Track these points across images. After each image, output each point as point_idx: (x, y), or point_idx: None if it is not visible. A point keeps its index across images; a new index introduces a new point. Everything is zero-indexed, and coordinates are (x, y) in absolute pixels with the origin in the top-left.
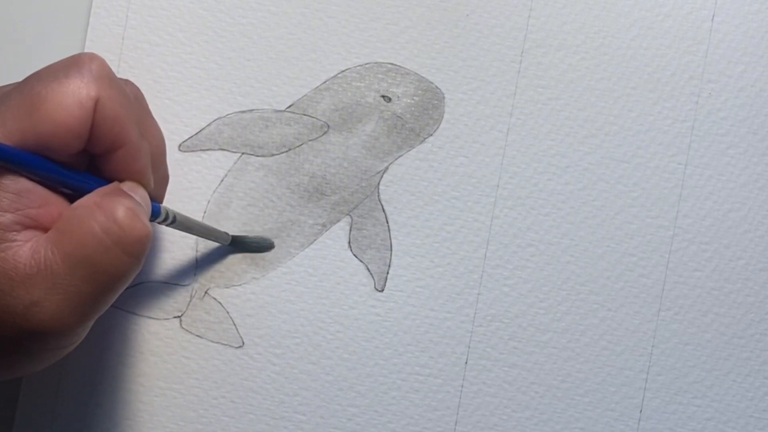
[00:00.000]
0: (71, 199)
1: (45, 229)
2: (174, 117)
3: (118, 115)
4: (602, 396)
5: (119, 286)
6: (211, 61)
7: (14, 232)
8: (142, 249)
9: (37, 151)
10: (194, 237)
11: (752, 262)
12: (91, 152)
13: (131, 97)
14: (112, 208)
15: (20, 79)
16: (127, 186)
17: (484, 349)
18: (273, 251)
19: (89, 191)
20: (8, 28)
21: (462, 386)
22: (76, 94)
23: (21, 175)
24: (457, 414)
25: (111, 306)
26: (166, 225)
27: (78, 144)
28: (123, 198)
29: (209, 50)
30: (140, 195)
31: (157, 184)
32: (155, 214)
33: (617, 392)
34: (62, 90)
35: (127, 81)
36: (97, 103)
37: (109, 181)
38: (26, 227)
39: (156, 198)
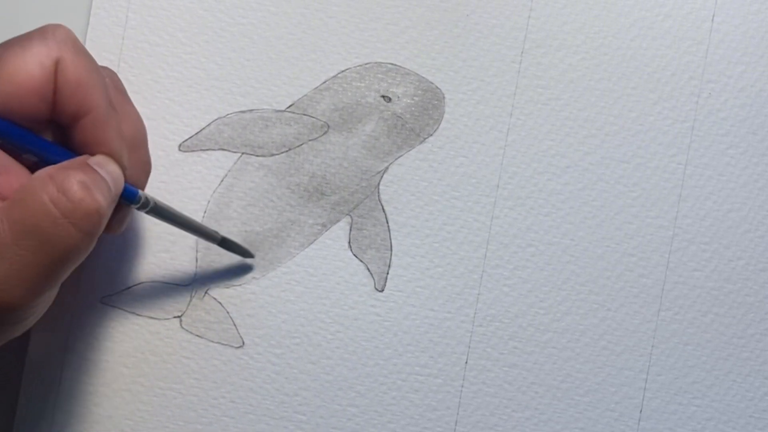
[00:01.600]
0: (36, 170)
1: (3, 199)
2: (174, 117)
3: (81, 79)
4: (602, 396)
5: (68, 261)
6: (211, 61)
7: None
8: (92, 224)
9: (0, 113)
10: (195, 237)
11: (752, 262)
12: (60, 123)
13: (98, 68)
14: (64, 180)
15: None
16: (95, 160)
17: (484, 349)
18: (273, 251)
19: (56, 160)
20: (8, 29)
21: (462, 386)
22: (36, 56)
23: None
24: (457, 414)
25: (111, 306)
26: (146, 212)
27: (42, 108)
28: (79, 171)
29: (209, 50)
30: (108, 170)
31: (134, 167)
32: (130, 197)
33: (617, 392)
34: (23, 53)
35: (104, 67)
36: (58, 65)
37: (78, 153)
38: None
39: (135, 184)
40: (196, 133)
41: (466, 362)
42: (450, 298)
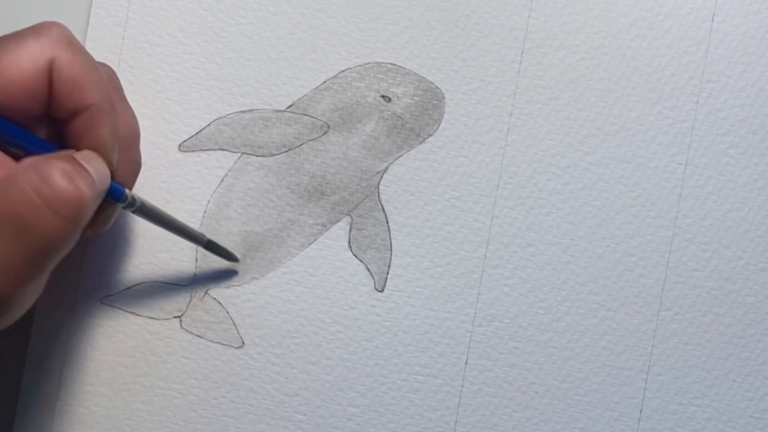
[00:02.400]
0: None
1: None
2: (174, 117)
3: (77, 78)
4: (602, 396)
5: (52, 249)
6: (211, 61)
7: None
8: (75, 212)
9: None
10: None
11: (752, 262)
12: (55, 117)
13: (96, 65)
14: (47, 169)
15: None
16: (81, 154)
17: (484, 349)
18: (273, 251)
19: (43, 154)
20: (8, 28)
21: (462, 386)
22: (30, 53)
23: None
24: (457, 414)
25: (111, 306)
26: (131, 211)
27: (34, 105)
28: (62, 161)
29: (209, 50)
30: (95, 165)
31: (124, 167)
32: (117, 196)
33: (617, 392)
34: (17, 50)
35: (102, 64)
36: (53, 64)
37: (69, 148)
38: None
39: (124, 183)
40: (196, 133)
41: (466, 362)
42: (450, 298)
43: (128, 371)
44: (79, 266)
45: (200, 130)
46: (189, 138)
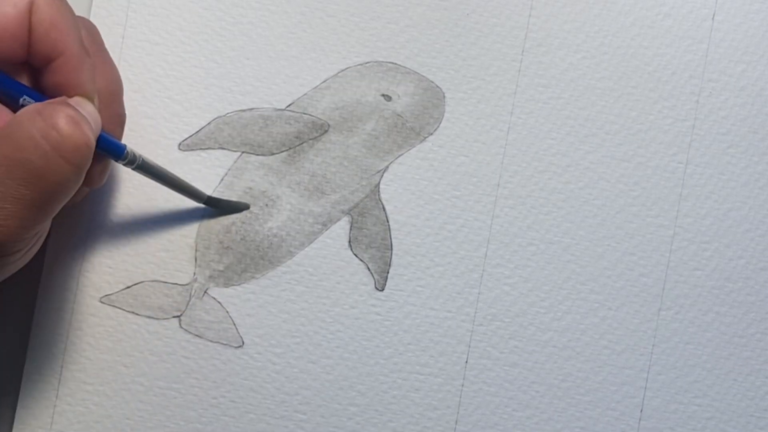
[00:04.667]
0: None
1: None
2: (174, 116)
3: (54, 20)
4: (603, 395)
5: (59, 194)
6: (211, 61)
7: None
8: (82, 157)
9: None
10: (193, 237)
11: (753, 262)
12: (33, 65)
13: (73, 12)
14: (53, 115)
15: None
16: (74, 100)
17: (485, 349)
18: (272, 251)
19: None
20: None
21: (462, 385)
22: None
23: None
24: (458, 413)
25: (111, 306)
26: (132, 168)
27: (17, 49)
28: (65, 107)
29: (209, 49)
30: (88, 110)
31: (110, 121)
32: (118, 153)
33: (618, 391)
34: None
35: (83, 18)
36: (32, 6)
37: (52, 97)
38: None
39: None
40: (196, 132)
41: (467, 361)
42: (450, 297)
43: (128, 371)
44: (79, 265)
45: (200, 129)
46: (189, 137)
